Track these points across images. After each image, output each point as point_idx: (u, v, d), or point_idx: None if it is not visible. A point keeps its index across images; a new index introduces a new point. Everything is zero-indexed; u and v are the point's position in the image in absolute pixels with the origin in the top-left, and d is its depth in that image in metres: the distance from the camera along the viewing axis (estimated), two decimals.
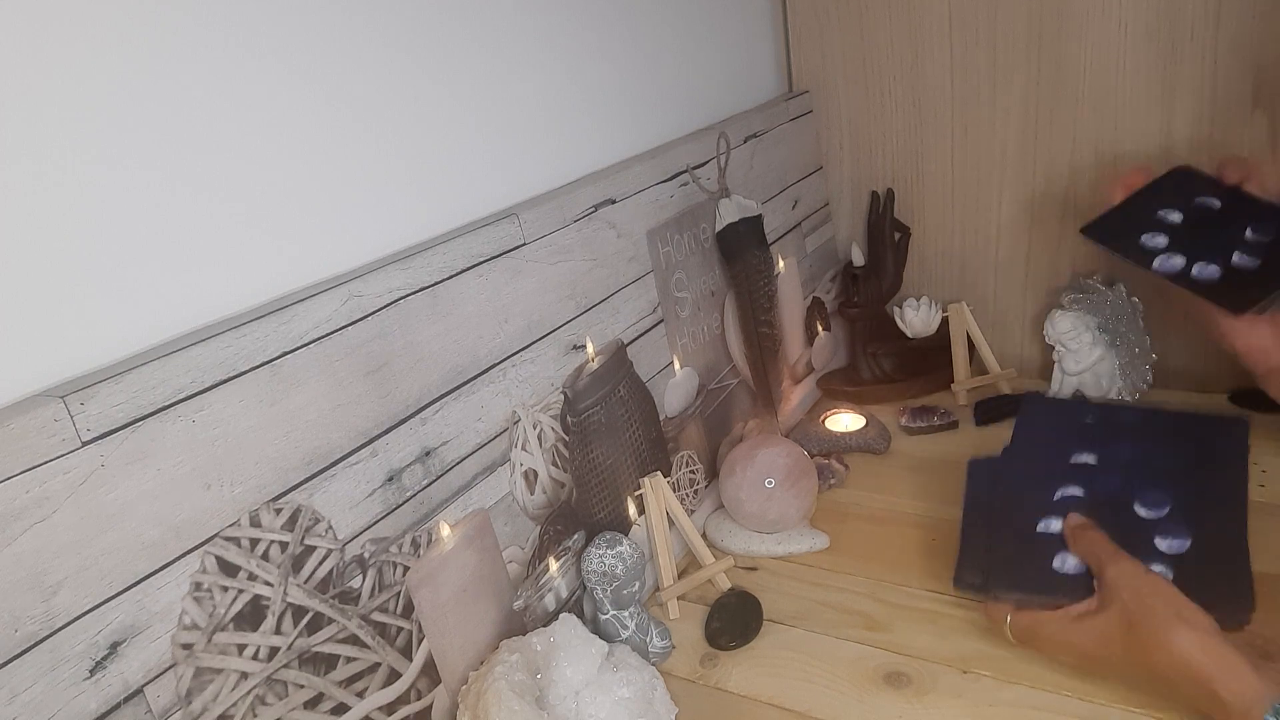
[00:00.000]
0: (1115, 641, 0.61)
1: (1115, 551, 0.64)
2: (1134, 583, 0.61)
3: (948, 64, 1.04)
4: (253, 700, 0.51)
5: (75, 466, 0.44)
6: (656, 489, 0.80)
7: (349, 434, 0.57)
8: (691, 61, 1.00)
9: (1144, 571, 0.62)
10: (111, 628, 0.45)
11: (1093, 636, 0.62)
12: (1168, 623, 0.58)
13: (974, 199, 1.08)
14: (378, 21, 0.64)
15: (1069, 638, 0.63)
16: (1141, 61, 0.93)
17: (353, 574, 0.57)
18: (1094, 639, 0.62)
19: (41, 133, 0.46)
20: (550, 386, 0.73)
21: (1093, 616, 0.62)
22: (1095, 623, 0.62)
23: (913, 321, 1.10)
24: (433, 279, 0.63)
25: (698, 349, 0.91)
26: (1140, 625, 0.59)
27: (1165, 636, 0.58)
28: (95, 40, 0.48)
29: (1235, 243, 0.78)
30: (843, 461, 0.97)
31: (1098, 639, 0.62)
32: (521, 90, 0.77)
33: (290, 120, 0.58)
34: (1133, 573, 0.62)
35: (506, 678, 0.60)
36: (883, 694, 0.67)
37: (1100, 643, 0.62)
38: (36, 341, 0.47)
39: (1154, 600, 0.60)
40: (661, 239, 0.86)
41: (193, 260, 0.54)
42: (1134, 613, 0.60)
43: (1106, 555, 0.64)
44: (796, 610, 0.78)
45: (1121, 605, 0.61)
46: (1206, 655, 0.56)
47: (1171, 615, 0.58)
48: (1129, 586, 0.61)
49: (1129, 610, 0.60)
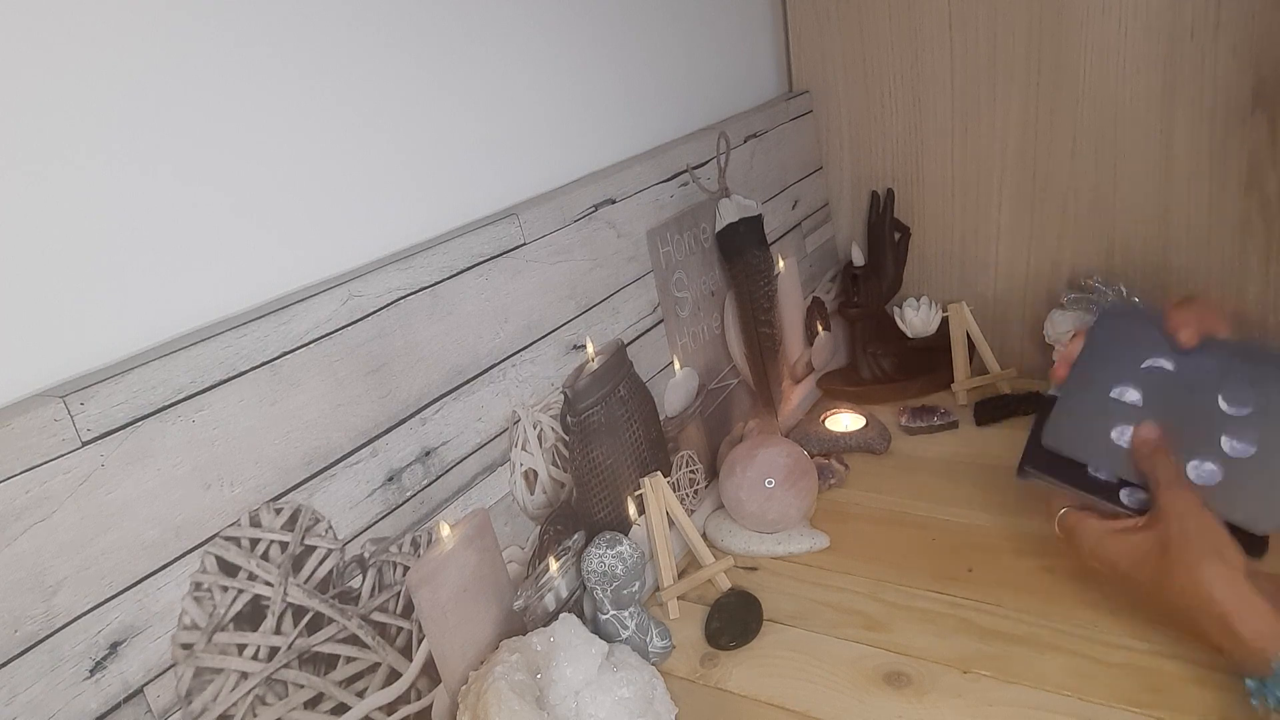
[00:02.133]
0: (1149, 562, 0.62)
1: (1176, 478, 0.64)
2: (1184, 512, 0.62)
3: (948, 64, 1.04)
4: (253, 700, 0.51)
5: (75, 466, 0.44)
6: (656, 489, 0.80)
7: (349, 434, 0.57)
8: (691, 61, 1.00)
9: (1198, 505, 0.63)
10: (111, 628, 0.45)
11: (1129, 551, 0.63)
12: (1202, 555, 0.59)
13: (974, 199, 1.08)
14: (377, 21, 0.64)
15: (1107, 546, 0.65)
16: (1141, 61, 0.93)
17: (353, 574, 0.57)
18: (1130, 554, 0.63)
19: (42, 133, 0.46)
20: (550, 386, 0.73)
21: (1134, 532, 0.64)
22: (1135, 539, 0.63)
23: (913, 321, 1.10)
24: (433, 279, 0.63)
25: (698, 349, 0.91)
26: (1175, 552, 0.60)
27: (1196, 567, 0.59)
28: (96, 40, 0.48)
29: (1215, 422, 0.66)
30: (843, 461, 0.97)
31: (1133, 555, 0.63)
32: (521, 90, 0.77)
33: (290, 120, 0.58)
34: (1186, 502, 0.63)
35: (506, 678, 0.60)
36: (883, 694, 0.67)
37: (1134, 559, 0.63)
38: (36, 341, 0.47)
39: (1197, 533, 0.61)
40: (661, 239, 0.86)
41: (193, 260, 0.54)
42: (1174, 539, 0.61)
43: (1166, 479, 0.64)
44: (796, 610, 0.78)
45: (1164, 529, 0.62)
46: (1231, 591, 0.57)
47: (1208, 549, 0.60)
48: (1178, 515, 0.62)
49: (1170, 536, 0.61)
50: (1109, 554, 0.65)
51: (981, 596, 0.75)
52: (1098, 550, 0.66)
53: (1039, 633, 0.71)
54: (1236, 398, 0.67)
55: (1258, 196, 0.92)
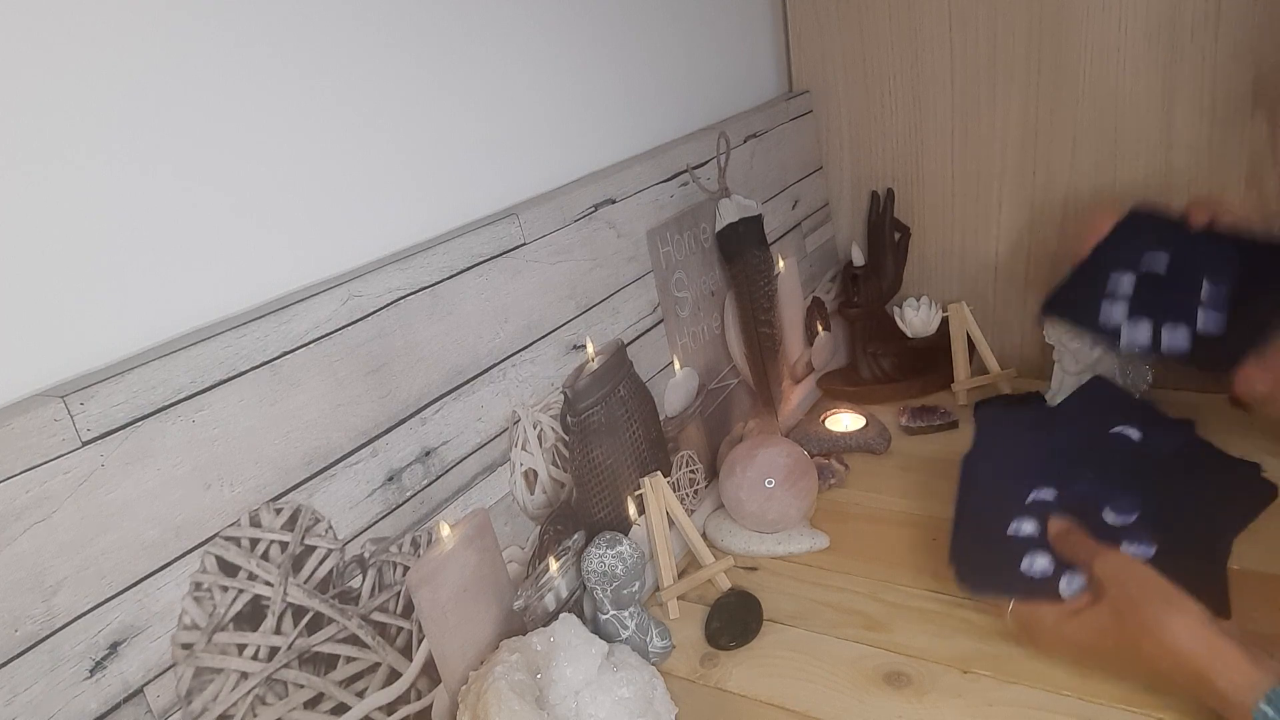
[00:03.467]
0: (1109, 634, 0.61)
1: (1097, 546, 0.65)
2: (1120, 574, 0.62)
3: (948, 64, 1.04)
4: (253, 700, 0.51)
5: (75, 466, 0.44)
6: (656, 489, 0.80)
7: (349, 434, 0.57)
8: (691, 61, 1.00)
9: (1128, 561, 0.63)
10: (111, 628, 0.45)
11: (1088, 630, 0.62)
12: (1158, 611, 0.58)
13: (974, 199, 1.08)
14: (377, 21, 0.64)
15: (1065, 631, 0.64)
16: (1141, 61, 0.93)
17: (353, 574, 0.57)
18: (1089, 632, 0.62)
19: (42, 133, 0.46)
20: (550, 386, 0.73)
21: (1087, 611, 0.63)
22: (1089, 616, 0.62)
23: (913, 321, 1.10)
24: (433, 279, 0.63)
25: (698, 349, 0.91)
26: (1131, 616, 0.59)
27: (1156, 625, 0.58)
28: (96, 40, 0.48)
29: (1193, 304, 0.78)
30: (843, 461, 0.97)
31: (1093, 632, 0.62)
32: (521, 90, 0.77)
33: (290, 120, 0.58)
34: (1117, 564, 0.63)
35: (506, 678, 0.60)
36: (882, 694, 0.67)
37: (1095, 636, 0.62)
38: (36, 341, 0.47)
39: (1141, 590, 0.60)
40: (661, 239, 0.86)
41: (193, 260, 0.54)
42: (1123, 603, 0.60)
43: (1089, 552, 0.65)
44: (796, 610, 0.78)
45: (1111, 598, 0.61)
46: (1198, 643, 0.56)
47: (1161, 604, 0.58)
48: (1114, 578, 0.62)
49: (1118, 602, 0.60)
50: (1070, 636, 0.63)
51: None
52: (1057, 637, 0.64)
53: None
54: (1120, 508, 0.71)
55: (1258, 196, 0.92)
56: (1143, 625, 0.58)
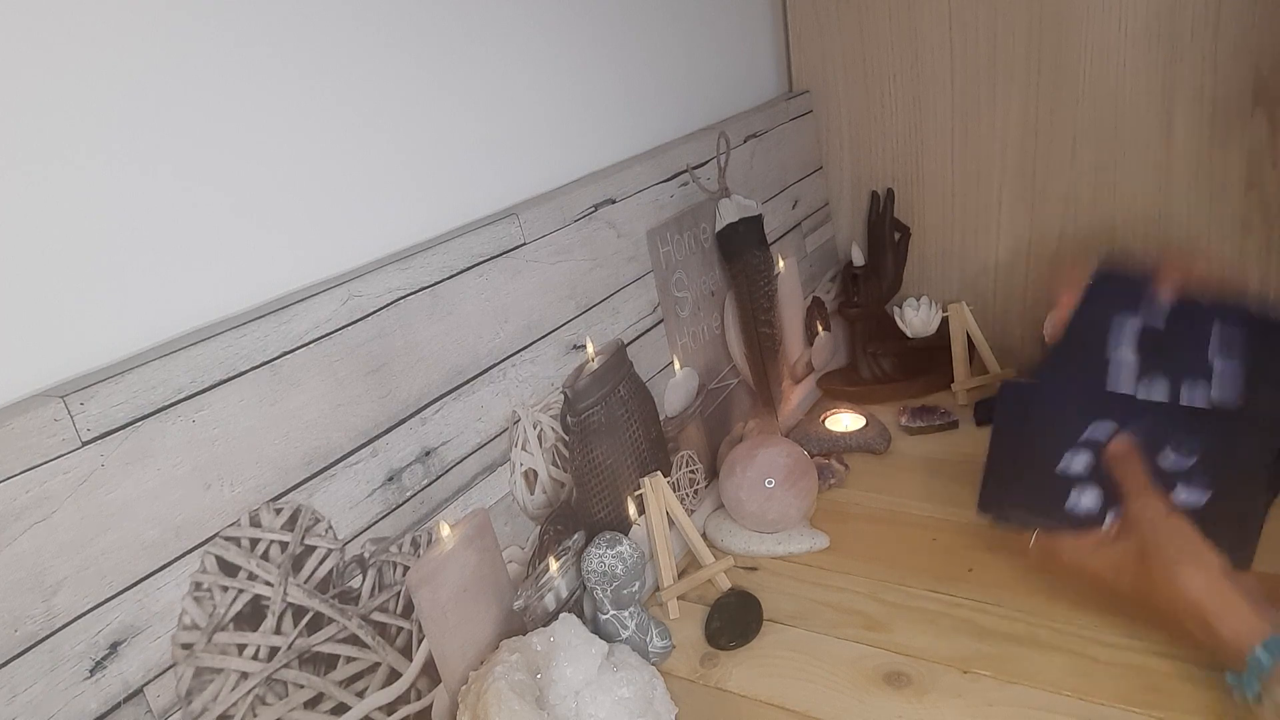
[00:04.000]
0: (1127, 571, 0.63)
1: (1145, 486, 0.66)
2: (1154, 519, 0.63)
3: (948, 64, 1.04)
4: (253, 700, 0.51)
5: (75, 466, 0.44)
6: (656, 489, 0.80)
7: (349, 434, 0.57)
8: (691, 61, 1.00)
9: (1167, 510, 0.64)
10: (111, 628, 0.45)
11: (1107, 563, 0.65)
12: (1178, 561, 0.60)
13: (974, 199, 1.08)
14: (377, 21, 0.64)
15: (1085, 562, 0.66)
16: (1141, 61, 0.93)
17: (353, 574, 0.57)
18: (1108, 566, 0.65)
19: (42, 133, 0.46)
20: (550, 386, 0.73)
21: (1110, 544, 0.65)
22: (1111, 551, 0.65)
23: (913, 321, 1.10)
24: (432, 279, 0.63)
25: (698, 349, 0.91)
26: (1152, 560, 0.62)
27: (1173, 574, 0.60)
28: (96, 40, 0.48)
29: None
30: (843, 461, 0.97)
31: (1111, 566, 0.64)
32: (521, 90, 0.77)
33: (290, 120, 0.58)
34: (1156, 509, 0.64)
35: (506, 678, 0.60)
36: (882, 694, 0.67)
37: (1113, 570, 0.64)
38: (36, 341, 0.47)
39: (1170, 539, 0.62)
40: (661, 239, 0.86)
41: (193, 260, 0.54)
42: (1148, 547, 0.62)
43: (1135, 488, 0.66)
44: (796, 610, 0.78)
45: (1139, 538, 0.63)
46: (1209, 594, 0.58)
47: (1183, 554, 0.61)
48: (1149, 522, 0.63)
49: (1144, 544, 0.62)
50: (1089, 567, 0.66)
51: (981, 596, 0.75)
52: (1078, 566, 0.67)
53: (1039, 633, 0.70)
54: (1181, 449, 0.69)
55: (1258, 196, 0.92)
56: (1162, 570, 0.61)
